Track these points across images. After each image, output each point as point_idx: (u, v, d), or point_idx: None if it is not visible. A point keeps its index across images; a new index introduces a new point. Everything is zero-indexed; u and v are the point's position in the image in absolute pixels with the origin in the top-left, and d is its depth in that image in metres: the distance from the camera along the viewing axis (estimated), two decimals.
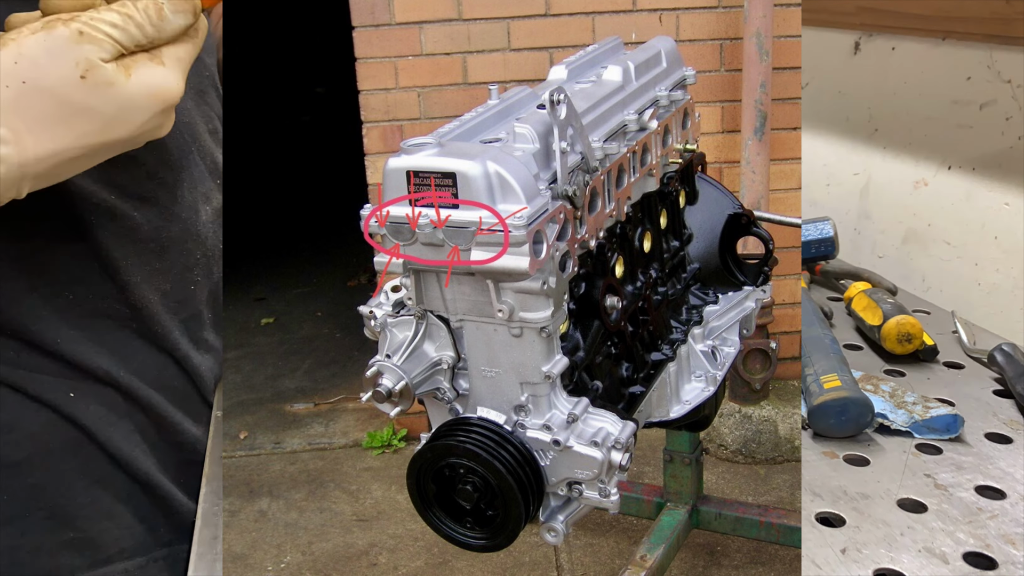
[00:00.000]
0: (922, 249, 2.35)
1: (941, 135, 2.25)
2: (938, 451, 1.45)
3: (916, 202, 2.36)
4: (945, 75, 2.20)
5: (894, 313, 1.77)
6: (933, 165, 2.29)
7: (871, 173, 2.53)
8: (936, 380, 1.69)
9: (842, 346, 1.73)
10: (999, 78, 2.05)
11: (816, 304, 1.89)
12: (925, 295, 2.19)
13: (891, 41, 2.39)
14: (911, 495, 1.33)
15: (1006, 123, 2.04)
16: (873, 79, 2.47)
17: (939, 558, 1.19)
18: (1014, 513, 1.28)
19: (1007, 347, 1.69)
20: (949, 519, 1.27)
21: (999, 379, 1.68)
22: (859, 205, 2.58)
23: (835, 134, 2.64)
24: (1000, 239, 2.08)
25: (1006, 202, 2.06)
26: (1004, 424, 1.52)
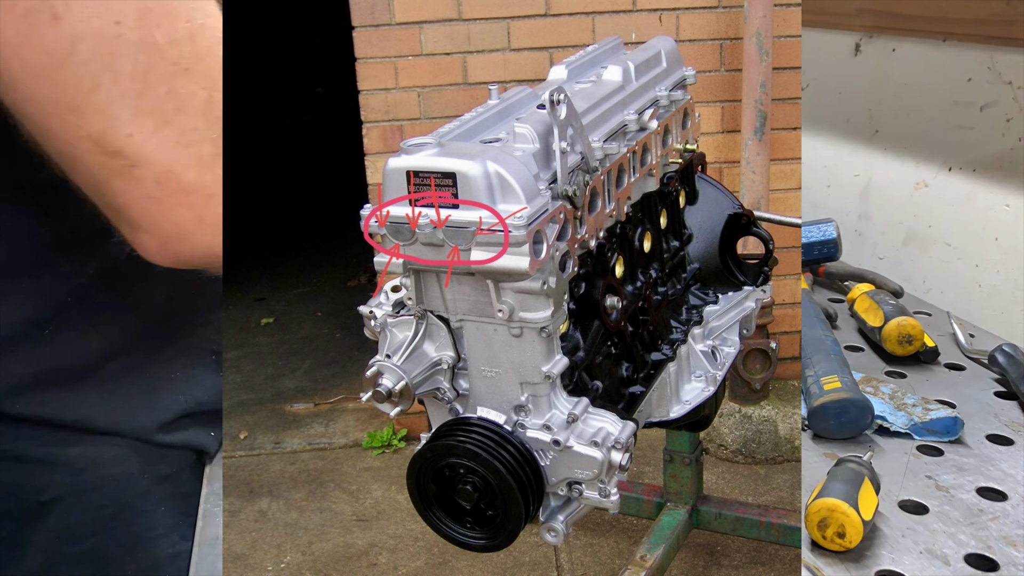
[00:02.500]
0: (923, 250, 2.35)
1: (942, 136, 2.25)
2: (939, 453, 1.45)
3: (917, 203, 2.35)
4: (946, 76, 2.20)
5: (895, 314, 1.76)
6: (934, 166, 2.28)
7: (872, 174, 2.53)
8: (937, 381, 1.69)
9: (843, 347, 1.73)
10: (1000, 79, 2.05)
11: (818, 305, 1.89)
12: (926, 296, 2.19)
13: (892, 42, 2.38)
14: (912, 497, 1.33)
15: (1007, 124, 2.04)
16: (873, 80, 2.47)
17: (940, 559, 1.19)
18: (1015, 515, 1.28)
19: (1008, 348, 1.69)
20: (950, 521, 1.27)
21: (1000, 380, 1.67)
22: (860, 206, 2.57)
23: (835, 135, 2.64)
24: (1000, 240, 2.08)
25: (1007, 203, 2.06)
26: (1005, 426, 1.52)
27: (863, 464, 1.29)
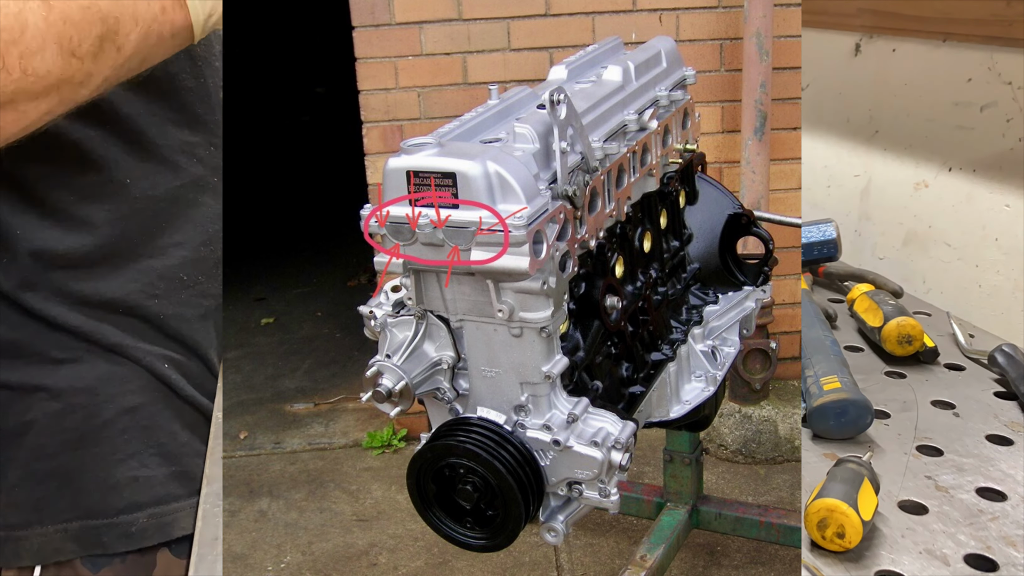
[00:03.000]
0: (923, 251, 2.35)
1: (942, 137, 2.25)
2: (939, 453, 1.45)
3: (917, 204, 2.35)
4: (946, 77, 2.20)
5: (895, 315, 1.76)
6: (934, 167, 2.28)
7: (872, 175, 2.53)
8: (937, 382, 1.69)
9: (843, 348, 1.73)
10: (1000, 80, 2.05)
11: (818, 306, 1.89)
12: (926, 297, 2.19)
13: (892, 43, 2.38)
14: (912, 497, 1.33)
15: (1007, 125, 2.04)
16: (874, 81, 2.47)
17: (940, 560, 1.19)
18: (1015, 515, 1.28)
19: (1008, 348, 1.69)
20: (950, 521, 1.27)
21: (1000, 380, 1.68)
22: (860, 207, 2.57)
23: (836, 136, 2.64)
24: (1001, 241, 2.08)
25: (1007, 204, 2.06)
26: (1005, 426, 1.52)
27: (863, 464, 1.29)
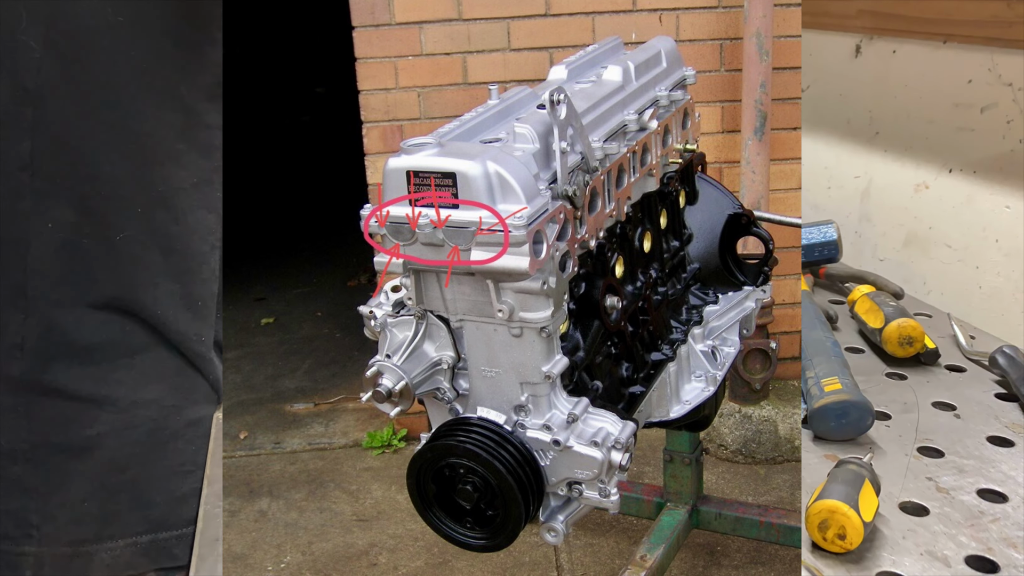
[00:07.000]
0: (923, 252, 2.35)
1: (942, 138, 2.25)
2: (940, 454, 1.45)
3: (917, 205, 2.35)
4: (946, 78, 2.20)
5: (896, 316, 1.76)
6: (934, 168, 2.28)
7: (872, 176, 2.53)
8: (937, 383, 1.69)
9: (844, 349, 1.73)
10: (1000, 81, 2.05)
11: (819, 307, 1.89)
12: (926, 298, 2.19)
13: (892, 44, 2.38)
14: (913, 498, 1.33)
15: (1007, 126, 2.04)
16: (874, 82, 2.47)
17: (941, 561, 1.19)
18: (1016, 516, 1.28)
19: (1008, 349, 1.69)
20: (951, 522, 1.27)
21: (1000, 382, 1.67)
22: (860, 208, 2.57)
23: (836, 137, 2.64)
24: (1001, 242, 2.08)
25: (1007, 205, 2.06)
26: (1006, 427, 1.52)
27: (863, 466, 1.29)
